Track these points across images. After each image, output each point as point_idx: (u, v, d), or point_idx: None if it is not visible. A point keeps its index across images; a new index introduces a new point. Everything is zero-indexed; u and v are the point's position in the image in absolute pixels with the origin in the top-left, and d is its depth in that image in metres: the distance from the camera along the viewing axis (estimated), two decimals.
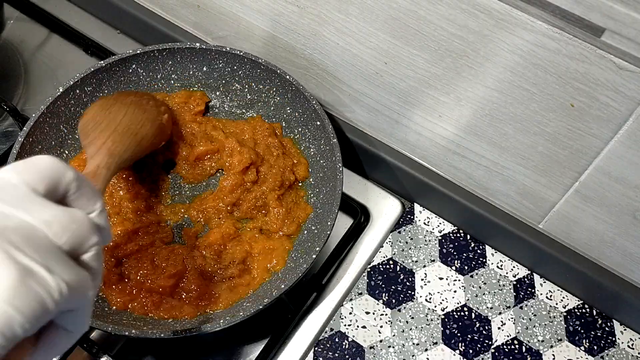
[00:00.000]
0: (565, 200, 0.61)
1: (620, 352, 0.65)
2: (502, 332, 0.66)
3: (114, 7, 0.83)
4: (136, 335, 0.54)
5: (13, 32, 0.87)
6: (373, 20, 0.58)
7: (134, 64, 0.70)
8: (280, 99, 0.71)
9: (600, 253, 0.63)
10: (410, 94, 0.63)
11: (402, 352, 0.64)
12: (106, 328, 0.54)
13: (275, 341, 0.63)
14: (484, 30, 0.51)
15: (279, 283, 0.59)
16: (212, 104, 0.73)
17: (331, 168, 0.65)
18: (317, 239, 0.61)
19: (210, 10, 0.74)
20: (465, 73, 0.56)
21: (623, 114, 0.49)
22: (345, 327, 0.65)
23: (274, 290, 0.57)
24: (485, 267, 0.70)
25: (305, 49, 0.68)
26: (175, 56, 0.71)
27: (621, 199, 0.56)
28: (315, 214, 0.66)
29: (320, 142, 0.67)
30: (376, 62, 0.62)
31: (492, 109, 0.57)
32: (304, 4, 0.62)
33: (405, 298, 0.67)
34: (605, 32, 0.44)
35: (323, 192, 0.66)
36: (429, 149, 0.68)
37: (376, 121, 0.70)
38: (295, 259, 0.63)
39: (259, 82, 0.71)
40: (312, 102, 0.66)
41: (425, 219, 0.73)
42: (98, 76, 0.68)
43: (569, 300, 0.68)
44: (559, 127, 0.54)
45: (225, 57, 0.70)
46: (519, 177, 0.62)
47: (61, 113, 0.66)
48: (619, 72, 0.46)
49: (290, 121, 0.71)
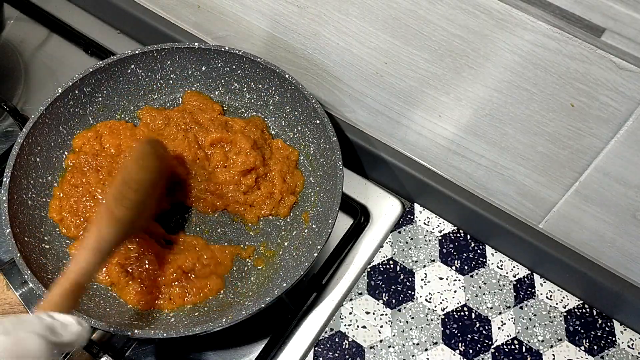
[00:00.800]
0: (565, 200, 0.61)
1: (620, 352, 0.65)
2: (502, 332, 0.66)
3: (114, 7, 0.83)
4: (139, 336, 0.54)
5: (13, 32, 0.87)
6: (373, 20, 0.58)
7: (133, 64, 0.70)
8: (280, 98, 0.71)
9: (600, 253, 0.63)
10: (410, 94, 0.63)
11: (402, 352, 0.64)
12: (108, 328, 0.54)
13: (275, 341, 0.63)
14: (484, 30, 0.51)
15: (280, 282, 0.60)
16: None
17: (331, 166, 0.65)
18: (318, 237, 0.61)
19: (211, 10, 0.74)
20: (465, 73, 0.56)
21: (623, 114, 0.49)
22: (345, 327, 0.65)
23: (275, 288, 0.57)
24: (485, 267, 0.70)
25: (306, 49, 0.68)
26: (173, 56, 0.71)
27: (621, 199, 0.56)
28: (316, 212, 0.66)
29: (320, 141, 0.67)
30: (376, 62, 0.62)
31: (492, 108, 0.57)
32: (304, 4, 0.62)
33: (405, 298, 0.67)
34: (605, 32, 0.44)
35: (324, 191, 0.66)
36: (429, 148, 0.68)
37: (376, 121, 0.70)
38: (296, 257, 0.63)
39: (258, 82, 0.71)
40: (312, 101, 0.66)
41: (425, 219, 0.73)
42: (97, 77, 0.68)
43: (569, 300, 0.68)
44: (559, 127, 0.54)
45: (223, 57, 0.70)
46: (519, 177, 0.62)
47: (60, 114, 0.66)
48: (619, 72, 0.46)
49: (289, 120, 0.71)
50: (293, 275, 0.58)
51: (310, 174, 0.69)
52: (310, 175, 0.69)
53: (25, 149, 0.62)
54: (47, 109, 0.64)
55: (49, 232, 0.63)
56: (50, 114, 0.65)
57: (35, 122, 0.63)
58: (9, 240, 0.57)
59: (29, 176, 0.63)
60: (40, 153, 0.65)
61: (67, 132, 0.67)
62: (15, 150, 0.61)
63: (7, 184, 0.59)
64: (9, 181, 0.59)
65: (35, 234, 0.61)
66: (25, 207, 0.61)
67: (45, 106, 0.64)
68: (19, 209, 0.60)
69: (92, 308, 0.58)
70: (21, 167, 0.62)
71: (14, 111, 0.73)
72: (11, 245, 0.56)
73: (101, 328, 0.54)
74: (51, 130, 0.66)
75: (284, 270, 0.62)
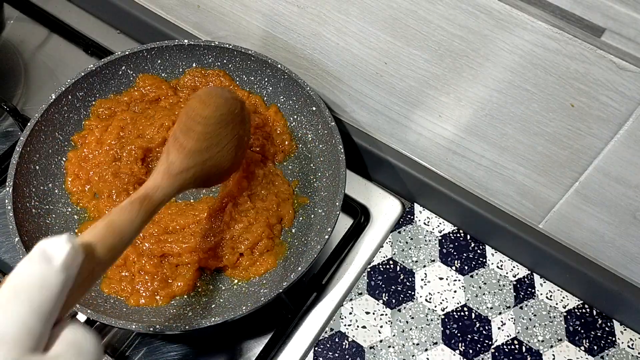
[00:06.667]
0: (565, 200, 0.61)
1: (620, 352, 0.65)
2: (502, 332, 0.66)
3: (114, 7, 0.83)
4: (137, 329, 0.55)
5: (13, 32, 0.87)
6: (373, 21, 0.58)
7: (124, 66, 0.70)
8: (273, 88, 0.71)
9: (600, 253, 0.63)
10: (410, 94, 0.63)
11: (402, 352, 0.64)
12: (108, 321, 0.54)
13: (275, 341, 0.63)
14: (484, 30, 0.51)
15: (294, 267, 0.60)
16: None
17: (332, 151, 0.65)
18: (326, 220, 0.61)
19: (210, 10, 0.74)
20: (465, 73, 0.56)
21: (623, 114, 0.49)
22: (345, 327, 0.65)
23: (290, 274, 0.58)
24: (485, 267, 0.70)
25: (305, 49, 0.68)
26: (163, 54, 0.71)
27: (621, 199, 0.56)
28: (321, 197, 0.66)
29: (318, 127, 0.68)
30: (376, 62, 0.62)
31: (492, 109, 0.57)
32: (304, 4, 0.62)
33: (405, 298, 0.67)
34: (605, 32, 0.44)
35: (326, 176, 0.66)
36: (429, 148, 0.68)
37: (376, 121, 0.70)
38: (305, 242, 0.63)
39: (250, 74, 0.71)
40: (306, 89, 0.66)
41: (425, 219, 0.73)
42: (89, 80, 0.68)
43: (569, 300, 0.68)
44: (559, 127, 0.54)
45: (214, 52, 0.70)
46: (519, 177, 0.62)
47: (55, 120, 0.66)
48: (619, 72, 0.46)
49: (284, 109, 0.71)
50: (307, 259, 0.58)
51: (311, 161, 0.69)
52: (310, 162, 0.69)
53: (24, 157, 0.62)
54: (42, 116, 0.64)
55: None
56: (46, 121, 0.65)
57: (31, 130, 0.63)
58: (19, 249, 0.57)
59: (30, 184, 0.63)
60: (40, 161, 0.64)
61: (64, 138, 0.67)
62: (15, 159, 0.61)
63: (11, 193, 0.59)
64: (12, 190, 0.60)
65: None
66: (30, 215, 0.61)
67: (40, 113, 0.64)
68: (24, 218, 0.60)
69: (108, 309, 0.58)
70: (22, 175, 0.62)
71: (14, 111, 0.73)
72: (21, 254, 0.57)
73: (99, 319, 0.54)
74: (48, 137, 0.65)
75: (295, 257, 0.63)
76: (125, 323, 0.54)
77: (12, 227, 0.58)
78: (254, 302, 0.56)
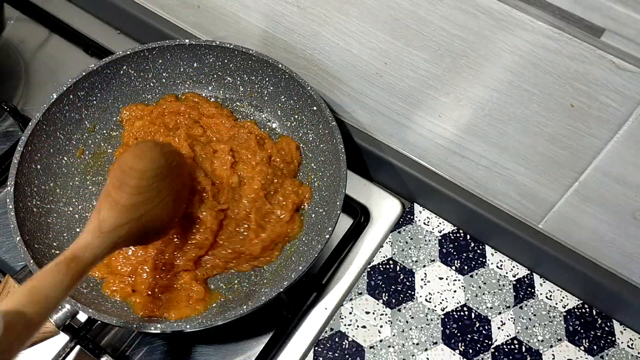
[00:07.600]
0: (565, 200, 0.61)
1: (620, 352, 0.65)
2: (502, 332, 0.66)
3: (114, 7, 0.83)
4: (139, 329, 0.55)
5: (13, 32, 0.87)
6: (373, 21, 0.58)
7: (125, 65, 0.70)
8: (274, 88, 0.71)
9: (600, 253, 0.63)
10: (410, 94, 0.63)
11: (402, 352, 0.64)
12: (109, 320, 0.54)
13: (275, 341, 0.63)
14: (484, 30, 0.51)
15: (295, 266, 0.60)
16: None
17: (332, 150, 0.65)
18: (327, 219, 0.61)
19: (211, 10, 0.74)
20: (465, 73, 0.56)
21: (623, 114, 0.49)
22: (345, 327, 0.65)
23: (291, 273, 0.58)
24: (485, 267, 0.70)
25: (306, 50, 0.68)
26: (164, 54, 0.71)
27: (621, 199, 0.56)
28: (321, 197, 0.66)
29: (319, 127, 0.68)
30: (376, 62, 0.62)
31: (492, 109, 0.57)
32: (304, 5, 0.62)
33: (405, 298, 0.67)
34: (605, 32, 0.44)
35: (327, 175, 0.66)
36: (429, 149, 0.68)
37: (376, 121, 0.70)
38: (306, 242, 0.63)
39: (251, 74, 0.71)
40: (307, 89, 0.67)
41: (425, 219, 0.73)
42: (90, 80, 0.68)
43: (568, 300, 0.68)
44: (559, 127, 0.54)
45: (215, 52, 0.70)
46: (519, 177, 0.62)
47: (57, 120, 0.66)
48: (619, 72, 0.46)
49: (285, 109, 0.71)
50: (307, 258, 0.58)
51: (311, 161, 0.69)
52: (311, 162, 0.69)
53: (26, 156, 0.62)
54: (44, 115, 0.64)
55: (57, 238, 0.63)
56: (47, 121, 0.65)
57: (33, 130, 0.63)
58: (20, 248, 0.57)
59: (32, 184, 0.63)
60: (41, 160, 0.65)
61: (65, 137, 0.67)
62: (17, 158, 0.61)
63: (12, 192, 0.59)
64: (14, 190, 0.60)
65: (44, 240, 0.61)
66: (31, 214, 0.61)
67: (41, 113, 0.64)
68: (25, 217, 0.60)
69: (110, 308, 0.58)
70: (23, 174, 0.62)
71: (14, 111, 0.73)
72: (23, 253, 0.56)
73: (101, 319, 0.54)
74: (49, 137, 0.66)
75: (296, 256, 0.63)
76: (126, 322, 0.54)
77: (13, 226, 0.58)
78: (254, 301, 0.56)
